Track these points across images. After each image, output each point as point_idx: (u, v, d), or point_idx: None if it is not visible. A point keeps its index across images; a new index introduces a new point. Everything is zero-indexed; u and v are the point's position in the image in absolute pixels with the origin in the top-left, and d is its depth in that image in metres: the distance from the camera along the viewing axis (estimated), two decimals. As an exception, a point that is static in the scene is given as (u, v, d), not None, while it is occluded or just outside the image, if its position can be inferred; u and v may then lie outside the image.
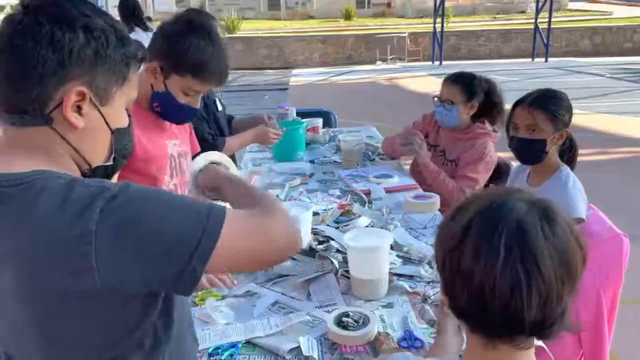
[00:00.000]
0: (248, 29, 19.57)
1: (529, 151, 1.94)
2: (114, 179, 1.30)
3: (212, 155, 1.41)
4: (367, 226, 1.88)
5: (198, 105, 1.67)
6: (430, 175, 2.48)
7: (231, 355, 1.29)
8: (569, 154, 2.00)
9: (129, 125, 0.97)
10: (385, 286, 1.53)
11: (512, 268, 0.76)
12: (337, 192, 2.34)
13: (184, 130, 1.87)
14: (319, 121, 3.31)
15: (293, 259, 1.67)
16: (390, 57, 15.24)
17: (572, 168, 1.98)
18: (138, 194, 0.82)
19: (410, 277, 1.61)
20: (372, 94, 10.40)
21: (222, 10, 20.24)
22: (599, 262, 1.78)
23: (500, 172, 2.61)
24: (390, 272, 1.58)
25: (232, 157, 2.60)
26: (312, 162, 2.88)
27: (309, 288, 1.58)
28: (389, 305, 1.49)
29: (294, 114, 3.23)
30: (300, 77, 13.20)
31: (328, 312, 1.44)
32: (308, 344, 1.31)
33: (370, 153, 2.93)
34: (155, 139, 1.68)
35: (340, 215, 1.99)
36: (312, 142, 3.19)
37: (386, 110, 8.05)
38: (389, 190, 2.36)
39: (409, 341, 1.32)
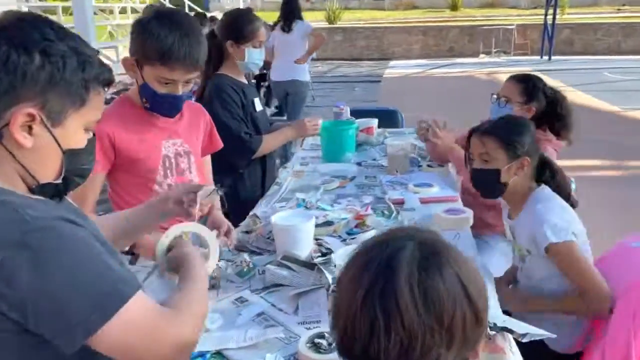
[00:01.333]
0: (350, 19, 19.58)
1: (484, 182, 1.81)
2: (94, 198, 1.33)
3: (185, 227, 1.35)
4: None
5: (180, 92, 1.67)
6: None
7: (196, 364, 1.30)
8: (552, 182, 1.80)
9: (89, 145, 0.98)
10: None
11: (371, 304, 0.72)
12: (368, 199, 2.27)
13: (192, 128, 1.88)
14: (374, 122, 3.22)
15: (292, 269, 1.64)
16: (495, 50, 14.55)
17: (566, 198, 1.78)
18: (52, 245, 0.84)
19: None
20: (466, 89, 10.00)
21: (325, 0, 20.39)
22: (634, 305, 1.58)
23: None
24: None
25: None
26: (359, 164, 2.82)
27: (298, 301, 1.55)
28: (373, 330, 1.41)
29: (348, 114, 3.18)
30: (396, 69, 13.00)
31: (309, 329, 1.40)
32: (273, 362, 1.28)
33: (419, 159, 2.81)
34: (148, 139, 1.72)
35: (355, 226, 1.93)
36: (364, 144, 3.11)
37: (476, 107, 7.68)
38: (424, 201, 2.24)
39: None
